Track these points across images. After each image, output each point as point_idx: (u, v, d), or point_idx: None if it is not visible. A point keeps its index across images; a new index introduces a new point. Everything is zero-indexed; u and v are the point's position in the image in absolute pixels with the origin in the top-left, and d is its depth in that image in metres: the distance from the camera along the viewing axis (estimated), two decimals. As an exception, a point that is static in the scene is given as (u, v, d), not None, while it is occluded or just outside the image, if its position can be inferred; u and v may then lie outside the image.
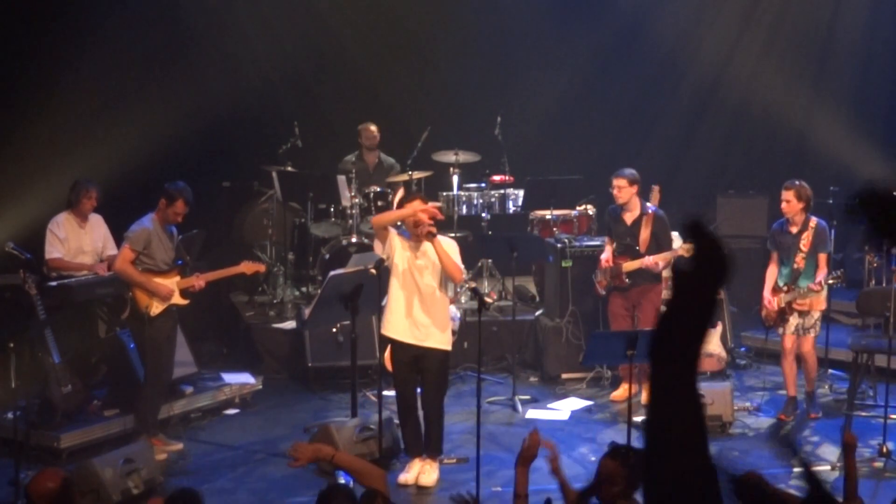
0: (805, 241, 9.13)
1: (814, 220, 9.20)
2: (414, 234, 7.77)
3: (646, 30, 13.26)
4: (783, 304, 9.15)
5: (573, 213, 11.50)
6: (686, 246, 9.27)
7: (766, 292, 9.26)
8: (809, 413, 9.35)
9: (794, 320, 9.22)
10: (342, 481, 5.83)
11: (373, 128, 11.83)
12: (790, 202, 9.12)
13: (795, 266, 9.16)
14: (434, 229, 7.72)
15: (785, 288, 9.17)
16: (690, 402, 2.61)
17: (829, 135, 12.66)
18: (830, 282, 9.11)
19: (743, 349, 11.12)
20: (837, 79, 13.11)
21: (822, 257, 9.18)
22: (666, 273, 9.78)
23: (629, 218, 9.68)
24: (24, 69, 11.02)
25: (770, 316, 9.29)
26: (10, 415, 8.10)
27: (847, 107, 12.90)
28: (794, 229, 9.21)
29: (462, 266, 8.24)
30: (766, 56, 13.25)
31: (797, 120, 13.06)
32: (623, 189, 9.56)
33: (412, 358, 7.89)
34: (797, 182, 9.17)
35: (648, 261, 9.48)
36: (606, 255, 9.74)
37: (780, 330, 9.30)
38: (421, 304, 7.82)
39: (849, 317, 11.19)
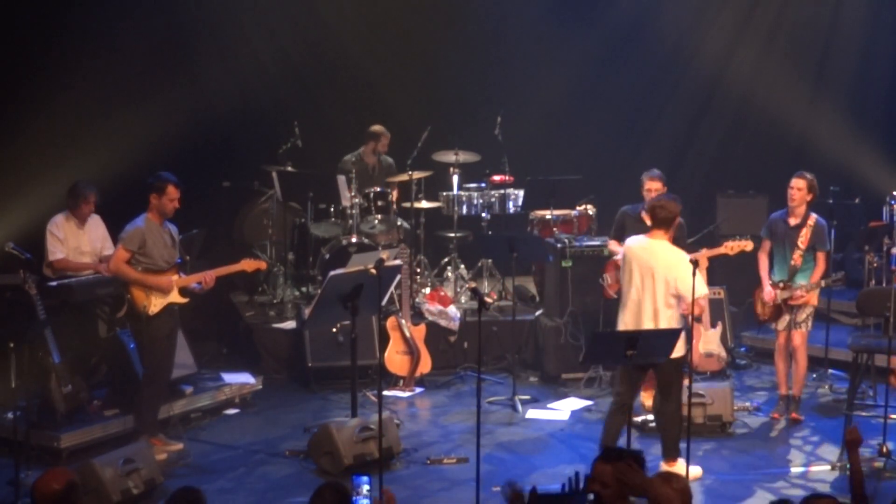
0: (803, 238, 9.12)
1: (813, 217, 9.19)
2: None
3: (646, 29, 13.26)
4: (779, 301, 9.15)
5: (573, 213, 11.50)
6: (731, 244, 9.23)
7: (766, 285, 9.23)
8: (791, 413, 9.31)
9: (787, 316, 9.22)
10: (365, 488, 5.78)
11: (389, 135, 11.85)
12: (801, 190, 9.09)
13: (793, 263, 9.15)
14: None
15: (781, 284, 9.16)
16: None
17: (829, 135, 12.66)
18: (826, 283, 9.13)
19: (743, 349, 11.13)
20: (837, 79, 13.12)
21: (821, 255, 9.18)
22: None
23: (650, 220, 9.60)
24: (25, 70, 11.00)
25: (766, 311, 9.28)
26: (10, 415, 8.09)
27: (847, 107, 12.91)
28: (793, 222, 9.18)
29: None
30: (766, 56, 13.25)
31: (797, 120, 13.06)
32: (658, 192, 9.48)
33: None
34: (809, 175, 9.16)
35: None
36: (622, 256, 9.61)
37: (774, 326, 9.30)
38: None
39: (849, 317, 11.19)
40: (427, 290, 11.26)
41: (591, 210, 11.62)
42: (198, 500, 5.14)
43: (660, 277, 7.74)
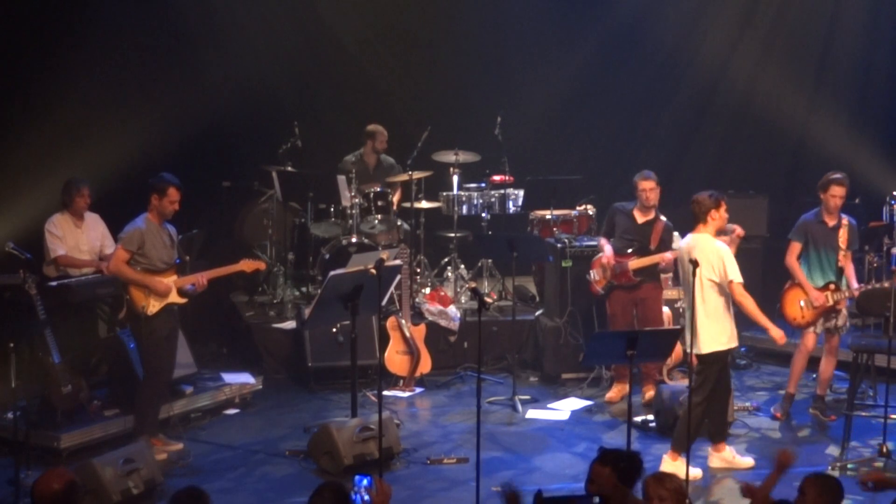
0: (843, 239, 9.09)
1: (845, 218, 9.16)
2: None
3: (646, 30, 13.26)
4: (832, 303, 9.06)
5: (573, 213, 11.50)
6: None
7: (812, 291, 9.07)
8: (830, 416, 9.28)
9: (824, 320, 9.18)
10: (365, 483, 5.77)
11: (386, 132, 11.85)
12: (843, 198, 9.07)
13: (839, 264, 9.09)
14: None
15: (832, 287, 9.11)
16: None
17: (829, 135, 12.65)
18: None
19: (743, 349, 11.11)
20: (837, 79, 13.11)
21: (849, 255, 9.18)
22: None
23: (641, 218, 9.64)
24: (24, 69, 11.01)
25: (808, 314, 9.13)
26: (10, 415, 8.09)
27: (847, 107, 12.90)
28: (832, 223, 9.14)
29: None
30: (766, 56, 13.24)
31: (797, 120, 13.05)
32: (654, 191, 9.53)
33: None
34: (843, 175, 9.11)
35: (667, 256, 9.47)
36: (609, 253, 9.67)
37: (813, 329, 9.20)
38: None
39: (849, 317, 11.16)
40: (427, 290, 11.26)
41: (591, 210, 11.62)
42: (202, 500, 5.13)
43: (706, 269, 7.86)
